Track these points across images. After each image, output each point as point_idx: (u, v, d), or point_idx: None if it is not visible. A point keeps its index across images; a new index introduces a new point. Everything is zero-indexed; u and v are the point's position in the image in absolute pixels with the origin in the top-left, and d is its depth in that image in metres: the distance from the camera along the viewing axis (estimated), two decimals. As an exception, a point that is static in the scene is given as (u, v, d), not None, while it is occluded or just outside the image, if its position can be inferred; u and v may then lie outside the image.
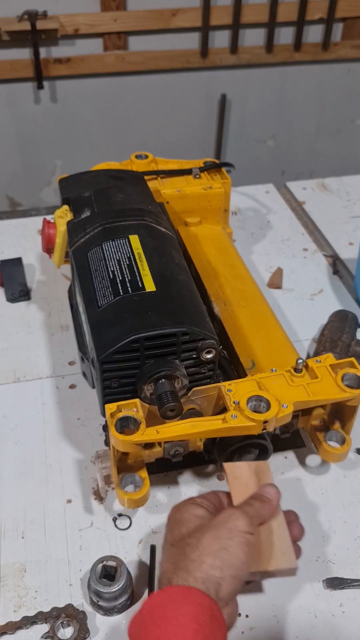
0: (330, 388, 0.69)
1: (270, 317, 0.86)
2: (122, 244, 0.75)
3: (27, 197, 2.48)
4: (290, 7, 2.23)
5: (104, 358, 0.64)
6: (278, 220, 1.25)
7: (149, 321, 0.65)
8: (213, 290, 0.88)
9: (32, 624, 0.62)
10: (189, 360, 0.68)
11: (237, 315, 0.84)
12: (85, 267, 0.75)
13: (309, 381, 0.70)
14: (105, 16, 2.12)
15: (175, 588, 0.50)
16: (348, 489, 0.76)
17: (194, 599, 0.49)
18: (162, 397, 0.64)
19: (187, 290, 0.72)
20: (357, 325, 0.95)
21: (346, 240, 1.20)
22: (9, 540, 0.70)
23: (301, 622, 0.63)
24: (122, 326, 0.65)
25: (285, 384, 0.70)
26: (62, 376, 0.90)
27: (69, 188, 0.91)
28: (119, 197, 0.86)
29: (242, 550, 0.52)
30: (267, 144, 2.60)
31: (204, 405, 0.71)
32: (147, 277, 0.71)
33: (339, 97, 2.53)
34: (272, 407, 0.65)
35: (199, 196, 0.99)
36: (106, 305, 0.68)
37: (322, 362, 0.72)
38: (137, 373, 0.66)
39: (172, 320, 0.65)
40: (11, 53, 2.14)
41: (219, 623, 0.49)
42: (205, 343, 0.67)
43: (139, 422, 0.64)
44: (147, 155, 1.04)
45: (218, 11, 2.18)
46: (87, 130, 2.38)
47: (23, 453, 0.80)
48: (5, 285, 1.05)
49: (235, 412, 0.65)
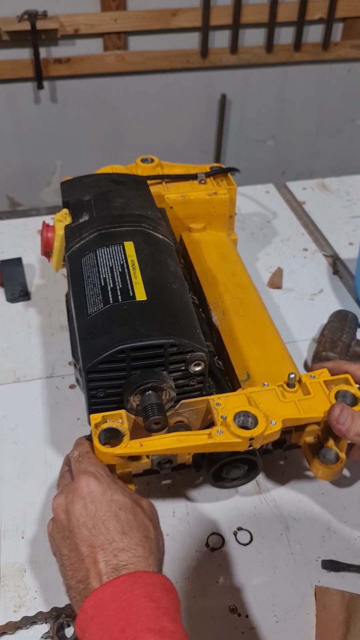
0: (323, 405, 0.67)
1: (269, 327, 0.84)
2: (116, 251, 0.74)
3: (27, 197, 2.48)
4: (290, 7, 2.23)
5: (89, 367, 0.62)
6: (278, 220, 1.25)
7: (137, 331, 0.63)
8: (212, 299, 0.87)
9: (32, 624, 0.62)
10: (177, 372, 0.65)
11: (234, 325, 0.82)
12: (78, 273, 0.73)
13: (301, 397, 0.67)
14: (105, 16, 2.12)
15: (119, 579, 0.50)
16: (348, 489, 0.76)
17: (140, 581, 0.50)
18: (148, 410, 0.62)
19: (179, 300, 0.70)
20: (357, 325, 0.95)
21: (346, 240, 1.20)
22: (9, 540, 0.70)
23: (301, 622, 0.63)
24: (109, 335, 0.63)
25: (276, 399, 0.67)
26: (62, 376, 0.90)
27: (70, 191, 0.89)
28: (118, 202, 0.84)
29: (100, 503, 0.55)
30: (267, 144, 2.60)
31: (192, 419, 0.69)
32: (139, 285, 0.69)
33: (339, 97, 2.53)
34: (259, 424, 0.63)
35: (203, 202, 0.98)
36: (95, 313, 0.67)
37: (316, 377, 0.69)
38: (124, 384, 0.64)
39: (161, 331, 0.63)
40: (11, 53, 2.14)
41: (170, 590, 0.51)
42: (194, 355, 0.64)
43: (123, 433, 0.63)
44: (153, 159, 1.03)
45: (218, 11, 2.19)
46: (87, 130, 2.38)
47: (23, 453, 0.80)
48: (5, 285, 1.05)
49: (222, 427, 0.63)
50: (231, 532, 0.71)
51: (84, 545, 0.53)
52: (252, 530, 0.71)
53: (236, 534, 0.71)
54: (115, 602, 0.48)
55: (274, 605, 0.65)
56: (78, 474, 0.58)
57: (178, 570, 0.67)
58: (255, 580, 0.67)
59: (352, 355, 0.90)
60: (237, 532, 0.71)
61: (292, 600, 0.65)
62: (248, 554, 0.69)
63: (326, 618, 0.59)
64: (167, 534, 0.70)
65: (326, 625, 0.58)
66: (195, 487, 0.76)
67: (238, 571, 0.68)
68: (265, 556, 0.69)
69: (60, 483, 0.63)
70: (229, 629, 0.63)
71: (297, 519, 0.73)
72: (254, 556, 0.69)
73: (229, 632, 0.63)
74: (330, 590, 0.63)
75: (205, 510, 0.74)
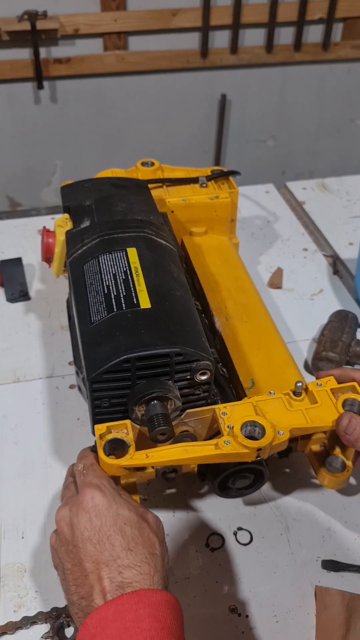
0: (330, 414, 0.66)
1: (273, 333, 0.82)
2: (119, 257, 0.72)
3: (27, 197, 2.48)
4: (290, 7, 2.23)
5: (93, 377, 0.61)
6: (278, 221, 1.25)
7: (142, 340, 0.62)
8: (215, 304, 0.85)
9: (32, 624, 0.62)
10: (182, 381, 0.64)
11: (238, 331, 0.81)
12: (80, 280, 0.72)
13: (308, 406, 0.66)
14: (105, 16, 2.12)
15: (123, 597, 0.49)
16: (348, 489, 0.76)
17: (144, 599, 0.49)
18: (153, 420, 0.61)
19: (184, 307, 0.69)
20: (357, 325, 0.95)
21: (346, 240, 1.20)
22: (9, 540, 0.70)
23: (301, 622, 0.63)
24: (113, 345, 0.62)
25: (283, 408, 0.66)
26: (62, 376, 0.90)
27: (70, 196, 0.88)
28: (120, 207, 0.83)
29: (105, 517, 0.54)
30: (267, 144, 2.60)
31: (198, 428, 0.68)
32: (143, 292, 0.67)
33: (339, 97, 2.53)
34: (267, 434, 0.62)
35: (204, 206, 0.97)
36: (99, 322, 0.66)
37: (322, 385, 0.68)
38: (128, 393, 0.63)
39: (166, 340, 0.62)
40: (11, 53, 2.14)
41: (175, 609, 0.50)
42: (200, 364, 0.63)
43: (128, 444, 0.61)
44: (154, 163, 1.02)
45: (218, 11, 2.19)
46: (87, 130, 2.38)
47: (23, 453, 0.80)
48: (5, 285, 1.05)
49: (229, 437, 0.62)
50: (231, 532, 0.71)
51: (88, 561, 0.52)
52: (252, 530, 0.71)
53: (236, 534, 0.71)
54: (119, 621, 0.48)
55: (274, 605, 0.65)
56: (83, 487, 0.57)
57: (178, 570, 0.67)
58: (255, 580, 0.67)
59: (352, 355, 0.90)
60: (237, 532, 0.71)
61: (292, 600, 0.65)
62: (248, 554, 0.69)
63: (326, 618, 0.59)
64: (167, 533, 0.70)
65: (326, 625, 0.58)
66: (197, 487, 0.76)
67: (238, 571, 0.68)
68: (265, 556, 0.69)
69: (64, 495, 0.62)
70: (229, 629, 0.63)
71: (297, 519, 0.73)
72: (254, 556, 0.69)
73: (229, 632, 0.63)
74: (330, 590, 0.63)
75: (205, 510, 0.73)
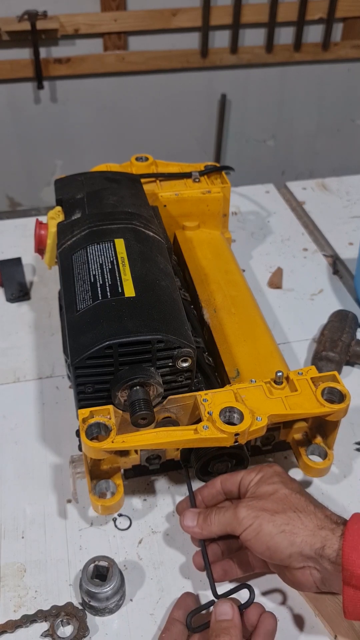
0: (309, 402, 0.67)
1: (260, 324, 0.84)
2: (106, 248, 0.74)
3: (27, 197, 2.49)
4: (290, 7, 2.24)
5: (77, 363, 0.63)
6: (278, 220, 1.25)
7: (125, 327, 0.64)
8: (205, 296, 0.87)
9: (31, 622, 0.62)
10: (164, 368, 0.66)
11: (226, 323, 0.83)
12: (69, 270, 0.74)
13: (288, 394, 0.68)
14: (105, 16, 2.12)
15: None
16: (348, 489, 0.76)
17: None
18: (135, 405, 0.63)
19: (168, 297, 0.70)
20: (357, 325, 0.95)
21: (346, 240, 1.20)
22: (9, 540, 0.70)
23: (301, 621, 0.63)
24: (97, 331, 0.64)
25: (263, 395, 0.68)
26: (62, 376, 0.90)
27: (63, 189, 0.90)
28: (111, 200, 0.84)
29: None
30: (267, 144, 2.60)
31: (180, 414, 0.69)
32: (128, 282, 0.69)
33: (339, 97, 2.53)
34: (244, 420, 0.63)
35: (197, 200, 0.98)
36: (84, 310, 0.68)
37: (303, 374, 0.70)
38: (112, 379, 0.65)
39: (148, 327, 0.64)
40: (11, 53, 2.14)
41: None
42: (182, 351, 0.65)
43: (110, 428, 0.63)
44: (147, 158, 1.04)
45: (218, 11, 2.19)
46: (87, 130, 2.38)
47: (23, 453, 0.80)
48: (5, 285, 1.05)
49: (208, 423, 0.64)
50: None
51: None
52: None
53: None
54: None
55: (274, 605, 0.65)
56: None
57: (178, 570, 0.67)
58: (255, 580, 0.67)
59: (352, 355, 0.90)
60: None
61: (292, 600, 0.65)
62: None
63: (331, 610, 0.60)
64: (167, 534, 0.70)
65: (332, 616, 0.59)
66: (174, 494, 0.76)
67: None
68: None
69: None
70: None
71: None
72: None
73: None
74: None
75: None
